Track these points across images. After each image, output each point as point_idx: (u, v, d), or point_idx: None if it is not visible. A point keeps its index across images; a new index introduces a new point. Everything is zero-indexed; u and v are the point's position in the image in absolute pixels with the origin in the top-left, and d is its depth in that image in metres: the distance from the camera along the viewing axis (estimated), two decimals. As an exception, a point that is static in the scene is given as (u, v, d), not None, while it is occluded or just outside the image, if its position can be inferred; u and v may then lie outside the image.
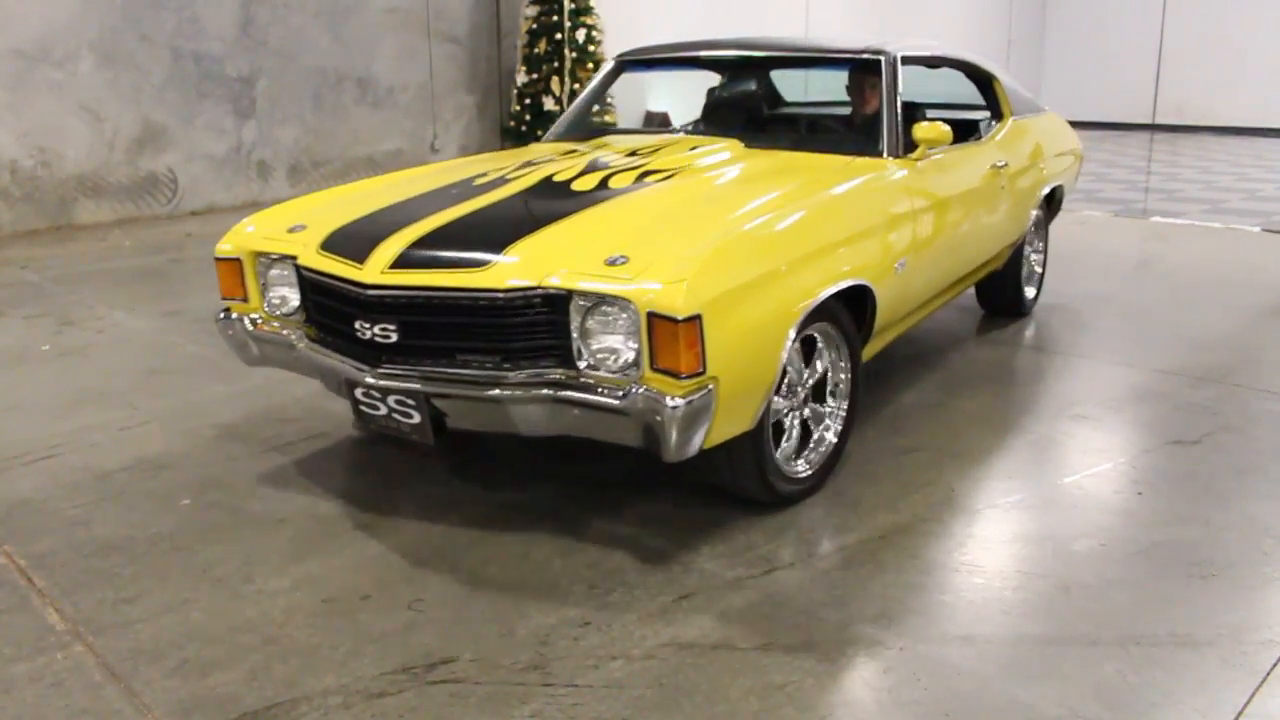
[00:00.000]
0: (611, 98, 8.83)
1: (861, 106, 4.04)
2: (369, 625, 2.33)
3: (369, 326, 2.61)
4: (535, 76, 9.45)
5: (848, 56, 3.88)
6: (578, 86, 9.21)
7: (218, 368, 4.15)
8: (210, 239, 5.61)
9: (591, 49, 9.37)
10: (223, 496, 3.01)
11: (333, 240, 2.82)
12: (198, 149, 8.11)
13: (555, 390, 2.47)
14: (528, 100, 9.52)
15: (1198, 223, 7.58)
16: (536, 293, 2.45)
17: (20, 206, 7.26)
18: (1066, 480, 3.09)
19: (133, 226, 7.58)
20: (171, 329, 4.82)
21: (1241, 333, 4.71)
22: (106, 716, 2.03)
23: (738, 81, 4.54)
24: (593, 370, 2.46)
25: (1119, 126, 15.57)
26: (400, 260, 2.60)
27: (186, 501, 2.98)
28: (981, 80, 4.59)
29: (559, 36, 9.29)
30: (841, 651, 2.21)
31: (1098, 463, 3.22)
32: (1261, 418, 3.58)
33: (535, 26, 9.39)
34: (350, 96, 9.00)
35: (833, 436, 3.03)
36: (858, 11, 12.74)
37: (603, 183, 3.07)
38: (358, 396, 2.70)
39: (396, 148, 9.36)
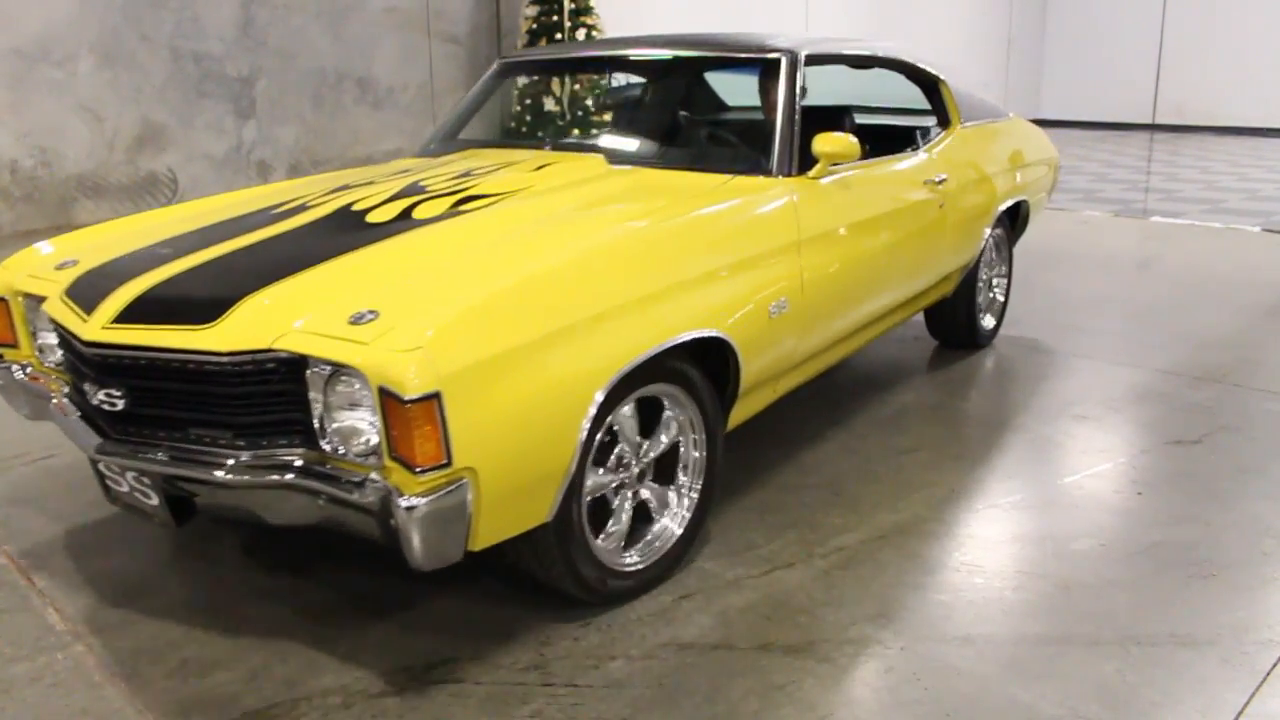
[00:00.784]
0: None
1: (759, 116, 3.38)
2: (369, 625, 2.33)
3: (95, 390, 2.20)
4: (535, 77, 9.44)
5: (738, 57, 3.35)
6: (578, 87, 9.22)
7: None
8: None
9: (591, 49, 9.37)
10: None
11: (77, 285, 2.40)
12: (198, 149, 8.11)
13: (290, 475, 2.03)
14: (528, 100, 9.53)
15: (1198, 223, 7.58)
16: (267, 356, 2.00)
17: (20, 206, 7.26)
18: (1066, 480, 3.09)
19: (133, 226, 7.58)
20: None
21: (1241, 333, 4.71)
22: (106, 716, 2.03)
23: (625, 89, 4.05)
24: (336, 454, 2.01)
25: (1119, 126, 15.58)
26: (126, 313, 2.17)
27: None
28: (925, 83, 4.07)
29: (559, 37, 9.29)
30: (841, 651, 2.21)
31: (1098, 463, 3.22)
32: (1261, 418, 3.58)
33: (535, 26, 9.40)
34: (350, 96, 9.00)
35: (677, 527, 2.51)
36: (858, 12, 12.73)
37: (405, 213, 2.58)
38: (100, 469, 2.32)
39: (396, 148, 9.37)
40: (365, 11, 8.93)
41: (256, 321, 2.04)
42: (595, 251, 2.31)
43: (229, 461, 2.07)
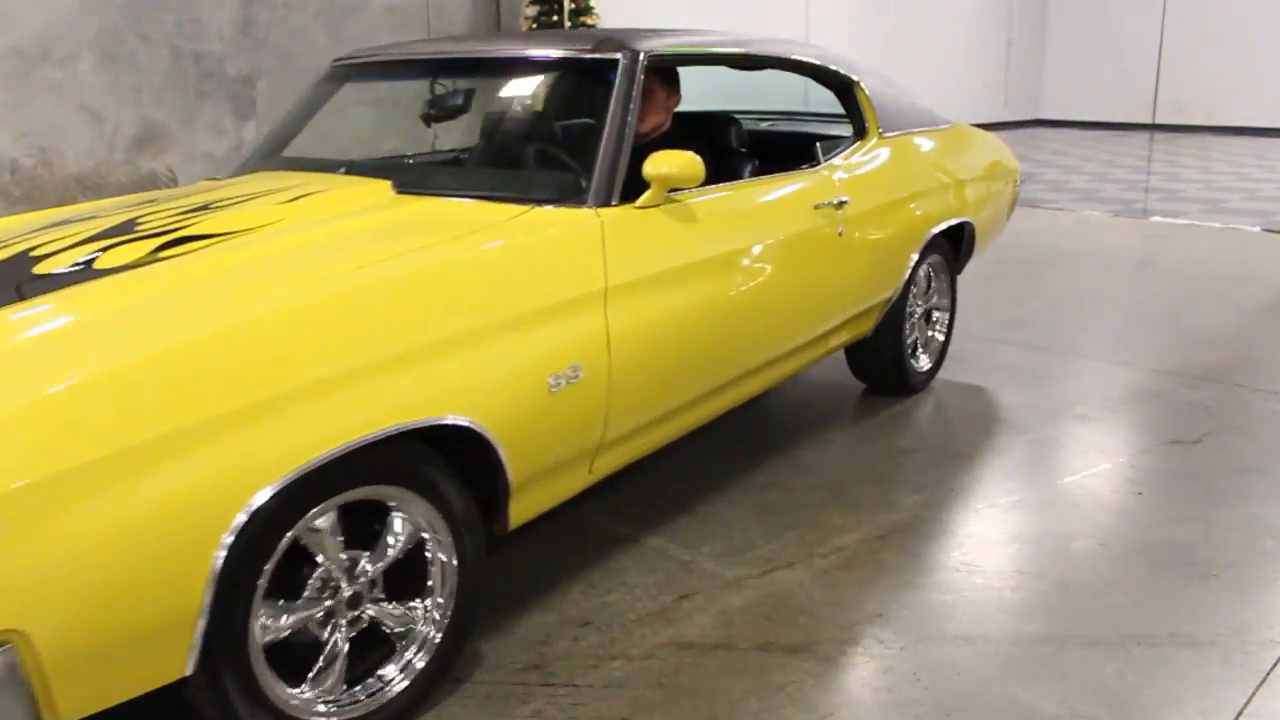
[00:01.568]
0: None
1: (588, 130, 2.70)
2: (369, 625, 2.33)
3: None
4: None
5: (565, 57, 2.78)
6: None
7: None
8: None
9: (591, 49, 9.38)
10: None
11: None
12: (198, 149, 8.12)
13: None
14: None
15: (1198, 223, 7.58)
16: None
17: (20, 206, 7.26)
18: (1066, 480, 3.10)
19: (133, 226, 7.59)
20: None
21: (1241, 332, 4.71)
22: (106, 716, 2.03)
23: (445, 98, 3.46)
24: None
25: (1119, 126, 15.59)
26: None
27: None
28: (836, 86, 3.52)
29: (559, 36, 9.30)
30: (841, 651, 2.22)
31: (1097, 463, 3.22)
32: (1261, 417, 3.58)
33: (535, 26, 9.41)
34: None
35: (418, 663, 1.99)
36: (858, 12, 12.73)
37: (87, 262, 2.03)
38: None
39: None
40: (365, 11, 8.94)
41: None
42: (270, 318, 1.74)
43: None
